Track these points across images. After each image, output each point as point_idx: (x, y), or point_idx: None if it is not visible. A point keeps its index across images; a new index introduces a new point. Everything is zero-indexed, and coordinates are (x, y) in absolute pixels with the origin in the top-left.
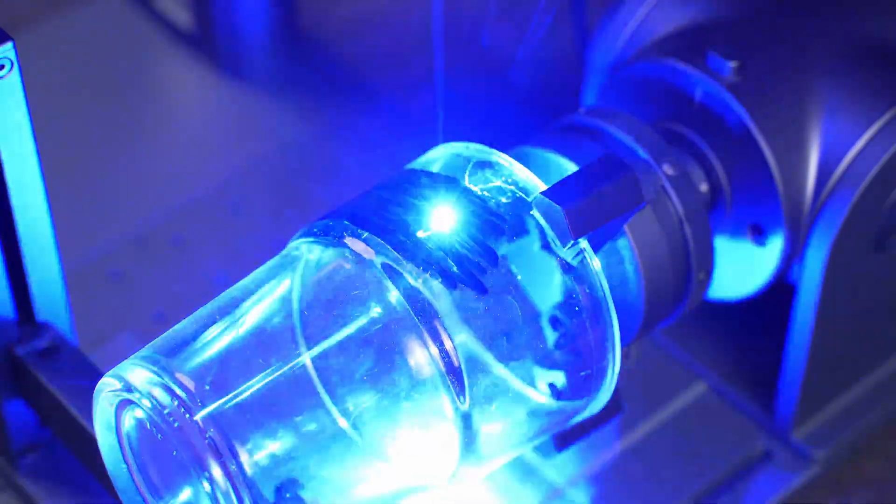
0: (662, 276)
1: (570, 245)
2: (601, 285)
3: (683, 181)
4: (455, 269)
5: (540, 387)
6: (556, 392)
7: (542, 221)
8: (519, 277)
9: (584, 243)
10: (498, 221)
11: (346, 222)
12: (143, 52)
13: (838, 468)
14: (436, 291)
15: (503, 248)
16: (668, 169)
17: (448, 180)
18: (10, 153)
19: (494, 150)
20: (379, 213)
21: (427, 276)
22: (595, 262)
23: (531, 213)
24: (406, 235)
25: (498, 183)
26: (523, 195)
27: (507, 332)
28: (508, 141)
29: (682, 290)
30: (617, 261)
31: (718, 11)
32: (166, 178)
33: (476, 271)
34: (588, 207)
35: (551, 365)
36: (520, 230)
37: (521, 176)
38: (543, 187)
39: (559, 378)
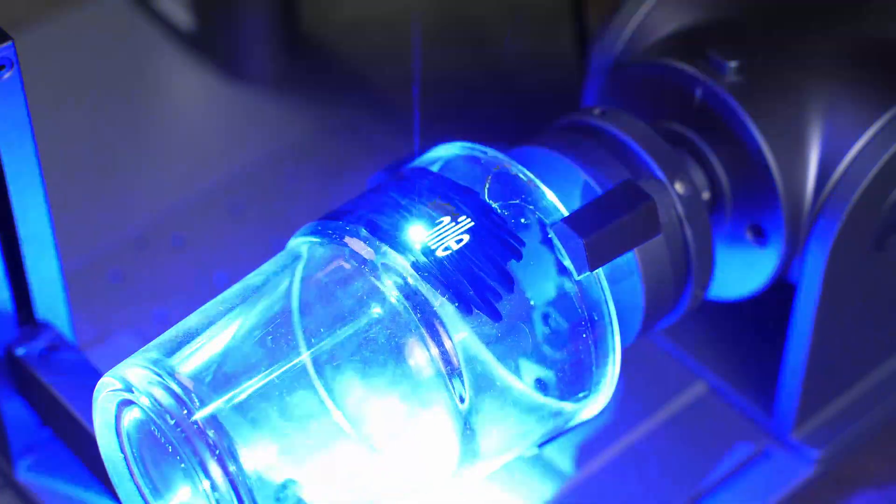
0: (663, 285)
1: (585, 273)
2: (609, 310)
3: (693, 199)
4: (471, 292)
5: (528, 381)
6: (554, 394)
7: (560, 247)
8: (532, 303)
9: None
10: (517, 245)
11: (364, 231)
12: (143, 52)
13: (838, 468)
14: (450, 316)
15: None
16: (679, 188)
17: (467, 192)
18: (10, 153)
19: (513, 162)
20: (394, 221)
21: (444, 299)
22: (600, 275)
23: (549, 236)
24: (424, 253)
25: (517, 201)
26: (542, 216)
27: (510, 338)
28: (509, 140)
29: (680, 297)
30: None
31: (718, 11)
32: (166, 178)
33: (492, 297)
34: (607, 238)
35: (549, 368)
36: (521, 226)
37: (540, 195)
38: (563, 211)
39: (558, 380)
